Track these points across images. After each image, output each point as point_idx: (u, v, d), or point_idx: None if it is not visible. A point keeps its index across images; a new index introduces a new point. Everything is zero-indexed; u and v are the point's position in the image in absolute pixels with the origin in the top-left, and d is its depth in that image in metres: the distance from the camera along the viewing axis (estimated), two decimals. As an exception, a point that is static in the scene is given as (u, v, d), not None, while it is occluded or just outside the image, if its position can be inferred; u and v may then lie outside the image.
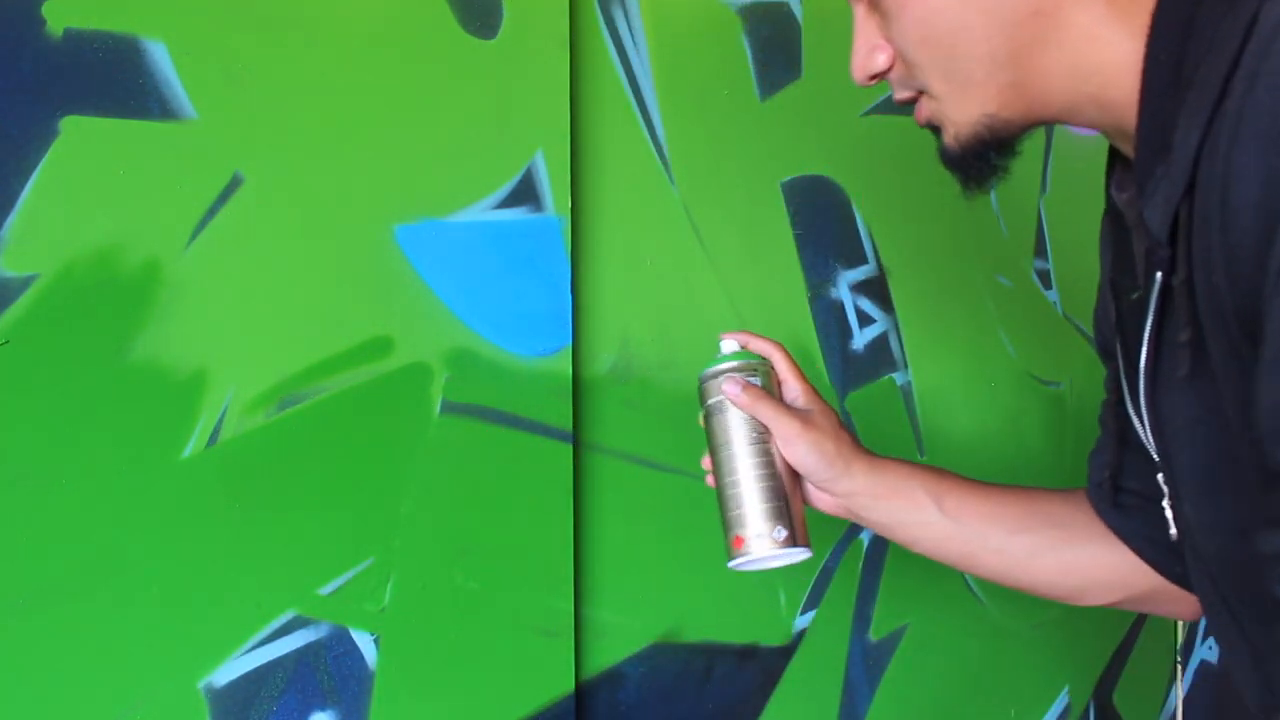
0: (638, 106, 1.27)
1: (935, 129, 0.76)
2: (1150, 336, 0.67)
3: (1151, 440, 0.73)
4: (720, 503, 0.82)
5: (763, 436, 0.82)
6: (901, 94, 0.76)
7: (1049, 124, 0.75)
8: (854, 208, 1.51)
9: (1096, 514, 0.86)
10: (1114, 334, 0.78)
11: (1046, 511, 0.87)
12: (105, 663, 0.87)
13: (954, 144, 0.73)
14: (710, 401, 0.84)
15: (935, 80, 0.73)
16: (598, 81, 1.23)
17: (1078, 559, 0.85)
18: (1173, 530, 0.75)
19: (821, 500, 0.86)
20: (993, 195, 1.75)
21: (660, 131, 1.29)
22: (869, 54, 0.76)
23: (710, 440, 0.84)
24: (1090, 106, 0.69)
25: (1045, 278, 1.87)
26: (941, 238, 1.66)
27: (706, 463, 0.87)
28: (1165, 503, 0.75)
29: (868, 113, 1.54)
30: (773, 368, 0.87)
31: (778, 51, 1.42)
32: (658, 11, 1.29)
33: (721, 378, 0.83)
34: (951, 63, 0.71)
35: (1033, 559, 0.86)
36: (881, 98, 1.56)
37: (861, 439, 0.87)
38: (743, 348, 0.86)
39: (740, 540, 0.80)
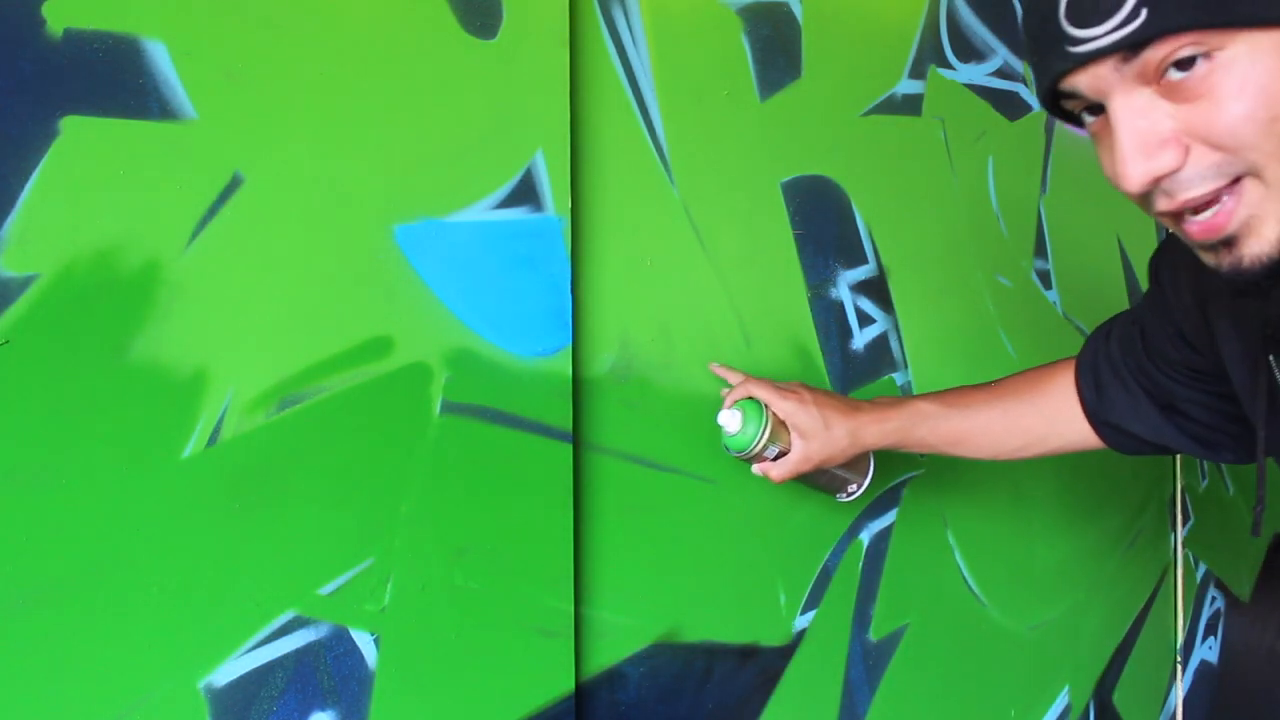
0: (638, 106, 1.27)
1: (1229, 242, 0.63)
2: None
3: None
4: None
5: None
6: (1198, 191, 0.62)
7: None
8: (854, 208, 1.51)
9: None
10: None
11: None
12: (105, 662, 0.87)
13: (1258, 259, 0.62)
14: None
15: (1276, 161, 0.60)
16: (598, 81, 1.23)
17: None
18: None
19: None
20: (993, 195, 1.75)
21: (660, 131, 1.29)
22: (1156, 150, 0.61)
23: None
24: None
25: (1045, 278, 1.87)
26: (941, 238, 1.66)
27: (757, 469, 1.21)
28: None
29: (868, 113, 1.54)
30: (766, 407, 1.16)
31: (778, 51, 1.42)
32: (658, 11, 1.29)
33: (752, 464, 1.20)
34: None
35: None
36: (882, 97, 1.56)
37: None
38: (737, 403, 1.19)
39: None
